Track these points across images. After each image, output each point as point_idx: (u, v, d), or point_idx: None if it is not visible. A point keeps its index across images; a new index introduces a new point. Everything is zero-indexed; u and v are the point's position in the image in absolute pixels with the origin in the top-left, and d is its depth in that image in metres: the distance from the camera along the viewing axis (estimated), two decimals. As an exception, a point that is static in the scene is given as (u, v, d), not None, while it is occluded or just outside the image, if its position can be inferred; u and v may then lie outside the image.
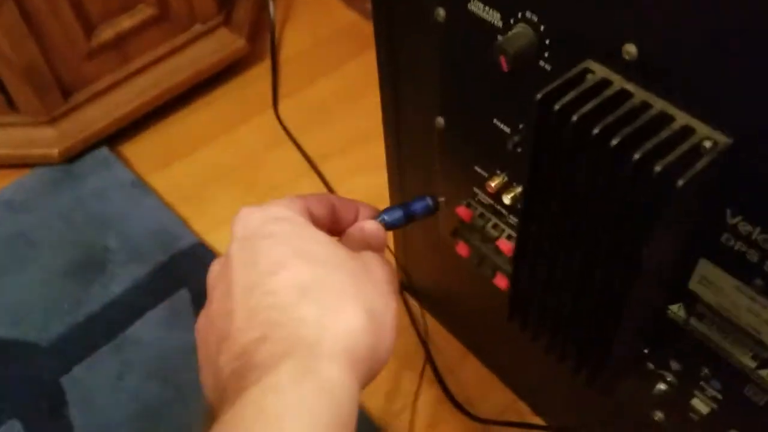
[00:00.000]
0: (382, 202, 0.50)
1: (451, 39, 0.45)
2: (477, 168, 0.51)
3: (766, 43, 0.29)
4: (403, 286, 0.77)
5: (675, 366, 0.44)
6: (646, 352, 0.45)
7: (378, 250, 0.42)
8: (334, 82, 1.01)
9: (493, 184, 0.49)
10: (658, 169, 0.31)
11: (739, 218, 0.35)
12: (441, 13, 0.44)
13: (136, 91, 0.93)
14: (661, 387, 0.46)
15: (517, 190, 0.48)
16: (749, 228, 0.35)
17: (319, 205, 0.41)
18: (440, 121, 0.52)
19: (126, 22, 0.89)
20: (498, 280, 0.54)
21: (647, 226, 0.34)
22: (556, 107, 0.34)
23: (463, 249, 0.56)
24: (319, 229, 0.38)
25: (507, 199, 0.48)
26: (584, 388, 0.45)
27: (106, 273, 0.81)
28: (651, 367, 0.46)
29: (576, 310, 0.42)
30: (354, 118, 0.94)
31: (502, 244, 0.51)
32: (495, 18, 0.41)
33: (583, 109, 0.34)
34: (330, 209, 0.42)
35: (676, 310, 0.42)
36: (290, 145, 0.93)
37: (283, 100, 0.99)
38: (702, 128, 0.33)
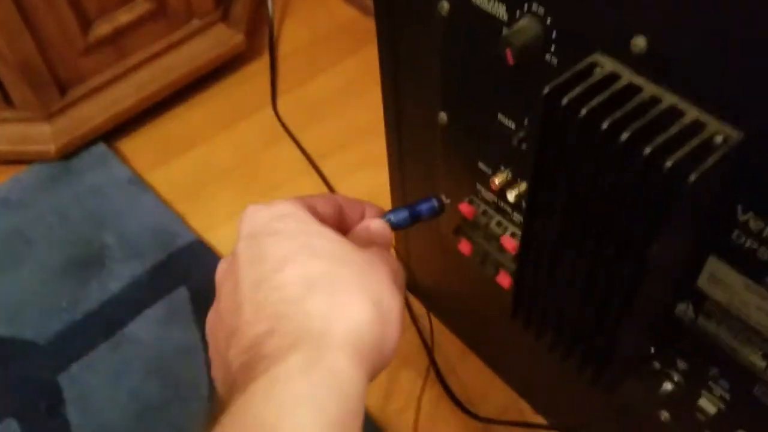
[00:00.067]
0: (382, 199, 0.49)
1: (455, 33, 0.45)
2: (480, 164, 0.50)
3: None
4: (405, 284, 0.76)
5: (682, 365, 0.44)
6: (653, 351, 0.45)
7: (383, 248, 0.42)
8: (333, 78, 1.00)
9: (497, 181, 0.48)
10: (669, 164, 0.31)
11: (751, 214, 0.34)
12: (445, 7, 0.44)
13: (134, 87, 0.92)
14: (668, 386, 0.45)
15: (522, 187, 0.47)
16: (761, 225, 0.34)
17: (325, 205, 0.41)
18: (443, 116, 0.51)
19: (123, 17, 0.88)
20: (501, 278, 0.53)
21: (656, 222, 0.33)
22: (564, 102, 0.34)
23: (465, 247, 0.56)
24: None
25: (511, 196, 0.48)
26: (588, 387, 0.44)
27: (104, 270, 0.80)
28: (657, 366, 0.45)
29: (581, 308, 0.41)
30: (353, 115, 0.94)
31: (507, 241, 0.51)
32: (500, 11, 0.40)
33: (592, 104, 0.33)
34: (336, 209, 0.42)
35: (684, 308, 0.41)
36: (289, 141, 0.92)
37: (281, 97, 0.98)
38: (713, 123, 0.33)
